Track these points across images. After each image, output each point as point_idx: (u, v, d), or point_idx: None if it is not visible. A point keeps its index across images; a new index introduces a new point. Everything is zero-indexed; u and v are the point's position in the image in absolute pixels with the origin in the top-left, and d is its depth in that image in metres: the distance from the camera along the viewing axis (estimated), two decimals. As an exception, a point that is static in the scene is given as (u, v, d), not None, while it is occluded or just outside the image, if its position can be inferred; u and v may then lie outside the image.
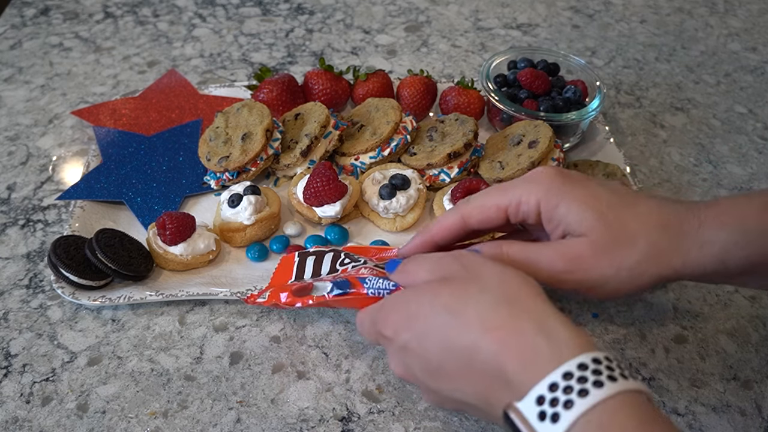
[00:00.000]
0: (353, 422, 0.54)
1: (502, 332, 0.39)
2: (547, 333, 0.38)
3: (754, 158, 0.82)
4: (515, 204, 0.49)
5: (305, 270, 0.58)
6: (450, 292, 0.43)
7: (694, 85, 0.94)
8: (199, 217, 0.68)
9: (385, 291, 0.50)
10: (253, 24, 1.02)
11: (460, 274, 0.44)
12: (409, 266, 0.48)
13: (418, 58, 0.96)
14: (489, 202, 0.50)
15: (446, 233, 0.51)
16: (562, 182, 0.48)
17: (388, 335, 0.45)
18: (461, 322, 0.41)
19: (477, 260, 0.45)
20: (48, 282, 0.64)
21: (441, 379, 0.43)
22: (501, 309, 0.40)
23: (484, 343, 0.39)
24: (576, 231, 0.47)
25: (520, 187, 0.49)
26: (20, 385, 0.56)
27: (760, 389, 0.58)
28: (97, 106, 0.81)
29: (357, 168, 0.74)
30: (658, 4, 1.11)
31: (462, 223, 0.50)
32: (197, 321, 0.62)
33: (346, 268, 0.55)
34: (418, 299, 0.44)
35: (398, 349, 0.45)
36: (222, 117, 0.75)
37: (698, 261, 0.46)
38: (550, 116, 0.74)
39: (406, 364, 0.45)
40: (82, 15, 1.02)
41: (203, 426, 0.54)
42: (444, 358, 0.42)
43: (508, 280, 0.42)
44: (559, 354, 0.37)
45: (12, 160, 0.77)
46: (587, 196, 0.47)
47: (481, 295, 0.41)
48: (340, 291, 0.51)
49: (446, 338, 0.41)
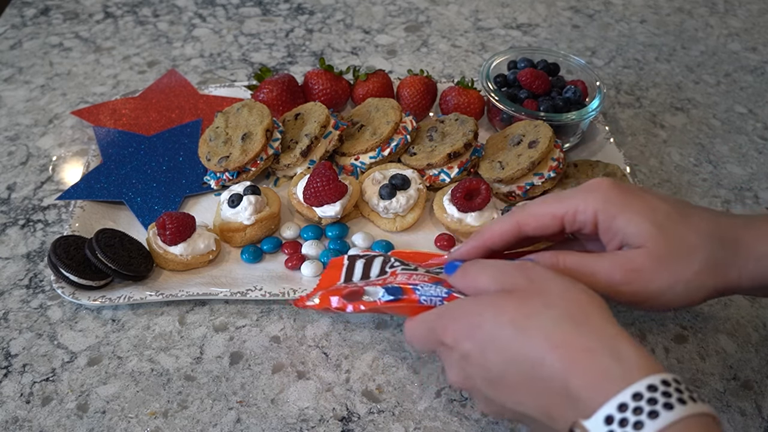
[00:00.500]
0: (353, 422, 0.54)
1: (568, 349, 0.39)
2: (614, 352, 0.38)
3: (754, 158, 0.82)
4: (572, 213, 0.48)
5: (354, 273, 0.57)
6: (515, 306, 0.42)
7: (694, 85, 0.94)
8: (199, 217, 0.68)
9: (438, 299, 0.49)
10: (253, 24, 1.02)
11: (525, 286, 0.43)
12: (471, 270, 0.47)
13: (418, 58, 0.96)
14: (545, 210, 0.49)
15: (500, 239, 0.50)
16: (621, 193, 0.47)
17: (448, 343, 0.45)
18: (526, 336, 0.40)
19: (542, 272, 0.44)
20: (48, 282, 0.64)
21: (502, 389, 0.42)
22: (567, 326, 0.40)
23: (550, 359, 0.39)
24: (634, 242, 0.46)
25: (577, 196, 0.49)
26: (20, 385, 0.56)
27: (760, 389, 0.58)
28: (97, 106, 0.81)
29: (357, 168, 0.74)
30: (658, 4, 1.11)
31: (517, 230, 0.50)
32: (197, 321, 0.62)
33: (395, 271, 0.55)
34: (481, 310, 0.43)
35: (459, 358, 0.44)
36: (222, 117, 0.75)
37: (754, 274, 0.46)
38: (550, 116, 0.74)
39: (467, 373, 0.44)
40: (82, 15, 1.02)
41: (203, 426, 0.54)
42: (506, 369, 0.41)
43: (573, 295, 0.42)
44: (628, 374, 0.37)
45: (12, 160, 0.77)
46: (646, 208, 0.47)
47: (546, 310, 0.41)
48: (391, 297, 0.50)
49: (510, 349, 0.41)
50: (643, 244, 0.46)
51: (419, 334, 0.47)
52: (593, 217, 0.47)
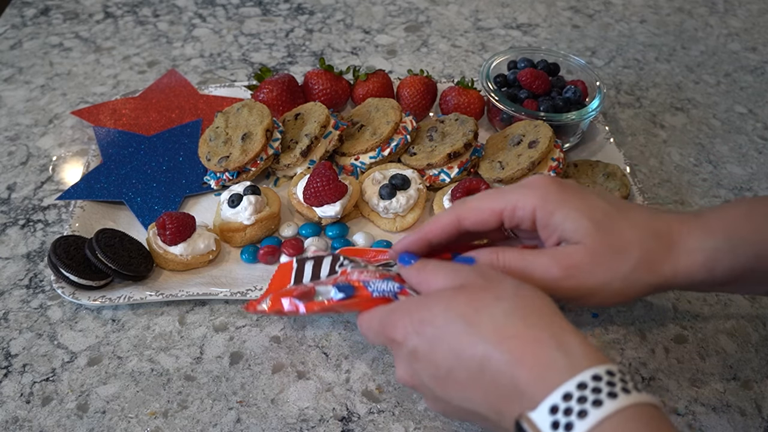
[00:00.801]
0: (353, 422, 0.54)
1: (516, 342, 0.39)
2: (561, 344, 0.39)
3: (754, 158, 0.82)
4: (511, 208, 0.49)
5: (304, 274, 0.57)
6: (466, 299, 0.42)
7: (694, 85, 0.94)
8: (199, 217, 0.68)
9: (390, 294, 0.49)
10: (253, 24, 1.02)
11: (477, 283, 0.44)
12: (428, 267, 0.48)
13: (418, 58, 0.96)
14: (484, 205, 0.50)
15: (440, 232, 0.51)
16: (559, 189, 0.48)
17: (397, 339, 0.44)
18: (475, 331, 0.41)
19: (496, 273, 0.45)
20: (48, 282, 0.64)
21: (449, 387, 0.42)
22: (516, 318, 0.40)
23: (498, 353, 0.39)
24: (572, 238, 0.47)
25: (516, 192, 0.49)
26: (20, 385, 0.56)
27: (760, 389, 0.58)
28: (97, 106, 0.81)
29: (357, 168, 0.74)
30: (658, 4, 1.11)
31: (456, 224, 0.50)
32: (197, 321, 0.62)
33: (346, 269, 0.54)
34: (431, 304, 0.43)
35: (407, 354, 0.44)
36: (222, 117, 0.75)
37: (687, 269, 0.47)
38: (550, 116, 0.74)
39: (414, 370, 0.44)
40: (82, 15, 1.02)
41: (203, 426, 0.54)
42: (454, 366, 0.41)
43: (524, 291, 0.42)
44: (574, 365, 0.37)
45: (12, 160, 0.77)
46: (583, 205, 0.47)
47: (497, 303, 0.41)
48: (343, 295, 0.50)
49: (458, 345, 0.41)
50: (581, 240, 0.46)
51: (372, 327, 0.47)
52: (531, 213, 0.48)
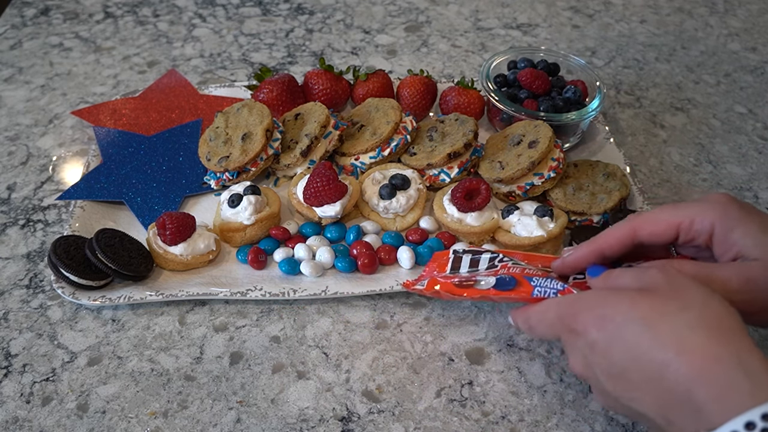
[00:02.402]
0: (353, 422, 0.54)
1: (698, 357, 0.39)
2: (745, 367, 0.38)
3: (754, 158, 0.82)
4: (689, 222, 0.49)
5: (461, 265, 0.58)
6: (650, 304, 0.42)
7: (694, 85, 0.94)
8: (199, 217, 0.68)
9: (552, 291, 0.50)
10: (253, 24, 1.02)
11: (663, 288, 0.43)
12: (615, 272, 0.48)
13: (418, 58, 0.96)
14: (663, 217, 0.50)
15: (615, 243, 0.51)
16: (739, 207, 0.48)
17: (577, 329, 0.45)
18: (656, 336, 0.40)
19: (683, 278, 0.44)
20: (48, 282, 0.64)
21: (621, 385, 0.43)
22: (700, 332, 0.40)
23: (677, 363, 0.39)
24: (751, 255, 0.47)
25: (695, 206, 0.49)
26: (20, 385, 0.56)
27: (760, 389, 0.58)
28: (97, 106, 0.81)
29: (357, 168, 0.74)
30: (658, 4, 1.11)
31: (632, 235, 0.50)
32: (197, 321, 0.62)
33: (506, 264, 0.56)
34: (615, 302, 0.44)
35: (584, 346, 0.44)
36: (222, 117, 0.75)
37: None
38: (550, 116, 0.74)
39: (588, 362, 0.44)
40: (82, 15, 1.02)
41: (203, 426, 0.54)
42: (629, 366, 0.41)
43: (711, 304, 0.42)
44: (758, 392, 0.37)
45: (12, 160, 0.77)
46: (763, 223, 0.47)
47: (681, 313, 0.41)
48: (504, 287, 0.52)
49: (637, 348, 0.41)
50: (761, 257, 0.46)
51: (547, 318, 0.48)
52: (710, 228, 0.48)
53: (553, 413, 0.55)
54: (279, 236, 0.67)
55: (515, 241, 0.65)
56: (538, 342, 0.60)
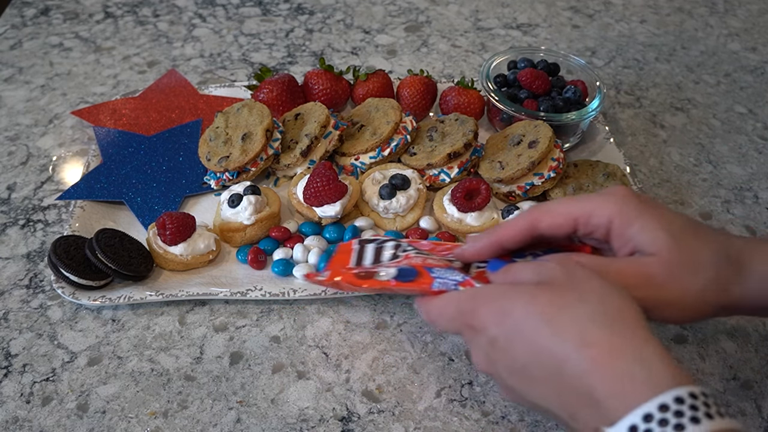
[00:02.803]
0: (353, 422, 0.54)
1: (597, 350, 0.39)
2: (643, 360, 0.38)
3: (754, 158, 0.82)
4: (587, 215, 0.48)
5: (365, 257, 0.57)
6: (548, 298, 0.42)
7: (694, 85, 0.94)
8: (199, 217, 0.68)
9: (453, 283, 0.49)
10: (253, 24, 1.02)
11: (562, 281, 0.43)
12: (515, 266, 0.48)
13: (418, 58, 0.96)
14: (561, 209, 0.49)
15: (514, 235, 0.50)
16: (637, 201, 0.48)
17: (476, 326, 0.44)
18: (555, 331, 0.40)
19: (582, 270, 0.44)
20: (48, 282, 0.64)
21: (524, 380, 0.42)
22: (599, 325, 0.40)
23: (576, 358, 0.39)
24: (647, 250, 0.46)
25: (594, 199, 0.49)
26: (20, 385, 0.56)
27: (760, 389, 0.58)
28: (97, 106, 0.81)
29: (357, 168, 0.74)
30: (658, 4, 1.11)
31: (531, 227, 0.50)
32: (197, 321, 0.62)
33: (409, 254, 0.55)
34: (513, 297, 0.43)
35: (485, 343, 0.44)
36: (222, 117, 0.75)
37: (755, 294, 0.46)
38: (550, 116, 0.74)
39: (491, 358, 0.44)
40: (82, 15, 1.02)
41: (203, 426, 0.54)
42: (531, 362, 0.41)
43: (610, 296, 0.42)
44: (655, 384, 0.37)
45: (12, 160, 0.77)
46: (662, 218, 0.47)
47: (579, 306, 0.41)
48: (405, 278, 0.51)
49: (537, 343, 0.41)
50: (657, 253, 0.46)
51: (447, 313, 0.47)
52: (608, 222, 0.48)
53: (553, 413, 0.55)
54: (279, 237, 0.67)
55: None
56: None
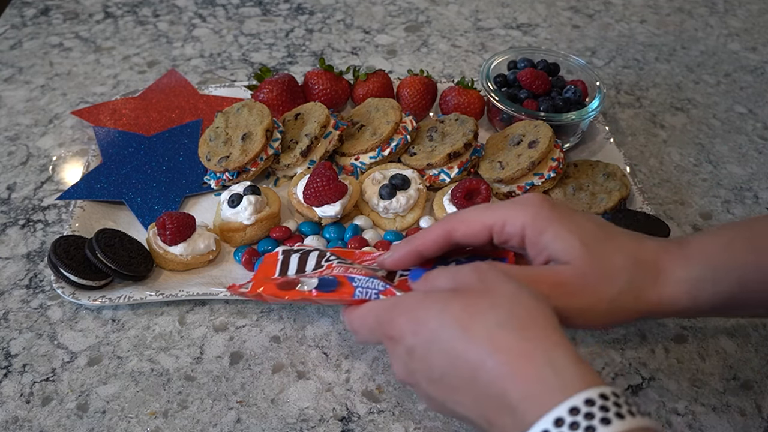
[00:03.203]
0: (353, 422, 0.54)
1: (508, 355, 0.39)
2: (554, 363, 0.38)
3: (754, 158, 0.82)
4: (500, 224, 0.48)
5: (289, 267, 0.57)
6: (461, 304, 0.42)
7: (694, 85, 0.94)
8: (199, 217, 0.68)
9: (374, 291, 0.49)
10: (253, 24, 1.02)
11: (474, 286, 0.43)
12: (432, 273, 0.48)
13: (418, 58, 0.96)
14: (475, 217, 0.49)
15: (431, 245, 0.50)
16: (551, 209, 0.48)
17: (394, 336, 0.44)
18: (469, 337, 0.40)
19: (494, 274, 0.44)
20: (48, 282, 0.64)
21: (443, 389, 0.42)
22: (509, 330, 0.40)
23: (490, 363, 0.39)
24: (561, 258, 0.46)
25: (507, 207, 0.49)
26: (20, 385, 0.56)
27: (760, 389, 0.58)
28: (97, 106, 0.81)
29: (357, 168, 0.74)
30: (658, 4, 1.11)
31: (447, 236, 0.50)
32: (197, 321, 0.62)
33: (331, 264, 0.54)
34: (427, 305, 0.43)
35: (403, 353, 0.44)
36: (222, 117, 0.75)
37: (671, 298, 0.46)
38: (550, 116, 0.74)
39: (409, 368, 0.44)
40: (82, 15, 1.02)
41: (203, 426, 0.54)
42: (447, 370, 0.41)
43: (522, 299, 0.42)
44: (566, 386, 0.37)
45: (12, 160, 0.77)
46: (574, 226, 0.47)
47: (491, 311, 0.41)
48: (327, 287, 0.50)
49: (452, 350, 0.41)
50: (570, 261, 0.46)
51: (367, 323, 0.47)
52: (521, 230, 0.48)
53: (553, 413, 0.55)
54: (279, 237, 0.67)
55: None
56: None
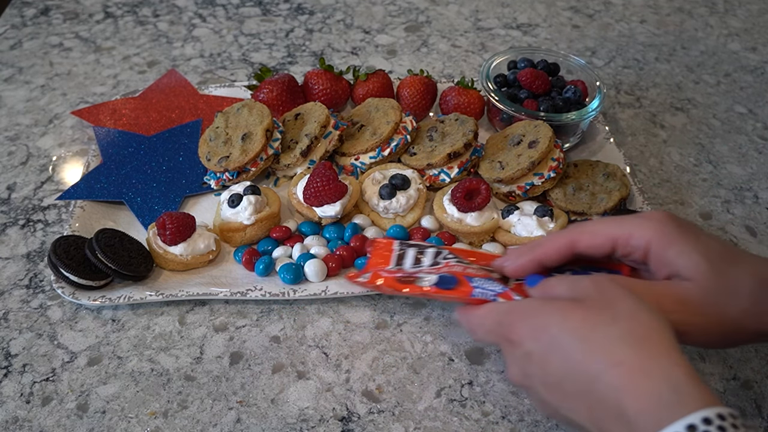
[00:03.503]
0: (353, 422, 0.54)
1: (627, 369, 0.39)
2: (672, 379, 0.38)
3: (754, 158, 0.82)
4: (626, 236, 0.49)
5: (405, 260, 0.58)
6: (582, 315, 0.43)
7: (694, 85, 0.94)
8: (199, 217, 0.68)
9: (492, 293, 0.50)
10: (253, 24, 1.02)
11: (594, 299, 0.44)
12: (551, 281, 0.49)
13: (418, 58, 0.96)
14: (601, 230, 0.50)
15: (554, 254, 0.51)
16: (676, 225, 0.48)
17: (513, 340, 0.46)
18: (588, 348, 0.41)
19: (615, 288, 0.45)
20: (48, 282, 0.64)
21: (558, 395, 0.43)
22: (629, 345, 0.40)
23: (608, 376, 0.40)
24: (685, 275, 0.47)
25: (633, 221, 0.50)
26: (20, 385, 0.56)
27: (760, 389, 0.58)
28: (97, 106, 0.81)
29: (357, 168, 0.74)
30: (658, 4, 1.11)
31: (570, 247, 0.51)
32: (197, 321, 0.62)
33: (449, 262, 0.56)
34: (548, 312, 0.44)
35: (521, 356, 0.45)
36: (222, 117, 0.75)
37: None
38: (550, 116, 0.74)
39: (526, 372, 0.45)
40: (82, 15, 1.02)
41: (203, 426, 0.54)
42: (565, 377, 0.42)
43: (641, 315, 0.42)
44: (684, 404, 0.37)
45: (12, 160, 0.77)
46: (699, 244, 0.47)
47: (612, 324, 0.42)
48: (445, 285, 0.52)
49: (571, 359, 0.42)
50: (694, 278, 0.46)
51: (486, 324, 0.48)
52: (646, 244, 0.48)
53: (553, 413, 0.55)
54: (279, 237, 0.67)
55: (515, 241, 0.65)
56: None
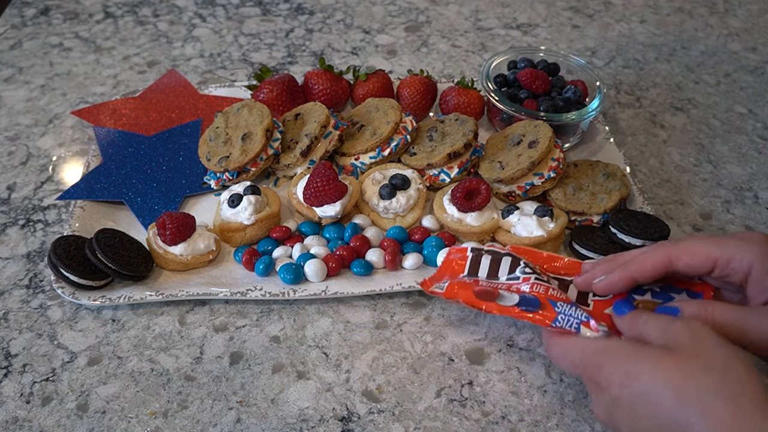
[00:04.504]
0: (353, 422, 0.54)
1: (719, 423, 0.39)
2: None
3: (754, 158, 0.82)
4: (727, 258, 0.48)
5: (480, 268, 0.58)
6: (674, 366, 0.42)
7: (694, 85, 0.94)
8: (199, 217, 0.68)
9: (576, 321, 0.50)
10: (253, 24, 1.02)
11: (686, 346, 0.44)
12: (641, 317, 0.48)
13: (418, 58, 0.96)
14: (701, 249, 0.50)
15: (649, 271, 0.51)
16: None
17: (601, 383, 0.45)
18: (679, 398, 0.41)
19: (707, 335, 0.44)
20: (48, 282, 0.64)
21: None
22: (722, 398, 0.40)
23: (700, 428, 0.39)
24: None
25: (735, 243, 0.49)
26: (20, 385, 0.56)
27: (760, 389, 0.58)
28: (97, 106, 0.81)
29: (357, 168, 0.74)
30: (658, 4, 1.11)
31: (667, 264, 0.50)
32: (197, 321, 0.62)
33: (529, 278, 0.55)
34: (639, 360, 0.44)
35: (608, 400, 0.45)
36: (222, 117, 0.75)
37: None
38: (550, 116, 0.74)
39: (613, 415, 0.45)
40: (82, 15, 1.02)
41: (203, 426, 0.54)
42: (653, 426, 0.42)
43: (734, 367, 0.42)
44: None
45: (12, 160, 0.77)
46: None
47: (704, 375, 0.41)
48: (527, 307, 0.52)
49: (661, 408, 0.41)
50: None
51: (571, 358, 0.48)
52: (748, 268, 0.48)
53: (553, 413, 0.55)
54: (279, 237, 0.67)
55: (515, 241, 0.65)
56: (538, 342, 0.60)
